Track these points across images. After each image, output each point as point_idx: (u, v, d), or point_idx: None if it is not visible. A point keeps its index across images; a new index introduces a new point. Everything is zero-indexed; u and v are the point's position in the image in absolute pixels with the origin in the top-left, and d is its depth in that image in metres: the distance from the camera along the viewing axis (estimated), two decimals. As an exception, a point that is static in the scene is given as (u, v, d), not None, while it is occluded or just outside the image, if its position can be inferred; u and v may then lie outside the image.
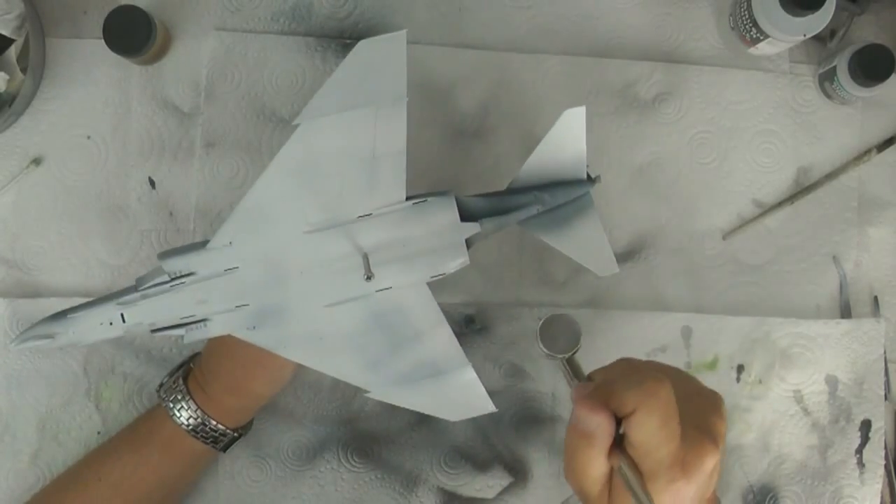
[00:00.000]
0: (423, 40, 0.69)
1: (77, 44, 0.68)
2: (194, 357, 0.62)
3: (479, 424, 0.66)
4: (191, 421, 0.57)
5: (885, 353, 0.68)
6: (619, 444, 0.44)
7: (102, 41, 0.63)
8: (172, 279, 0.51)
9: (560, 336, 0.50)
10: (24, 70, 0.65)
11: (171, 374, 0.61)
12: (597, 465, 0.44)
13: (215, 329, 0.52)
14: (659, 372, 0.44)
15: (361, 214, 0.51)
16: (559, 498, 0.66)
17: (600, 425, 0.43)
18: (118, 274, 0.67)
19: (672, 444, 0.42)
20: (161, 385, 0.60)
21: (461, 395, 0.53)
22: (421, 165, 0.68)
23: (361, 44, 0.43)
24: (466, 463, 0.66)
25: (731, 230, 0.69)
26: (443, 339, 0.53)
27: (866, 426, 0.67)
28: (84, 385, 0.65)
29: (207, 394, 0.57)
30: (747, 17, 0.65)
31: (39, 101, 0.67)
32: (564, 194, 0.56)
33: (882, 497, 0.68)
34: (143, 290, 0.51)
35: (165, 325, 0.52)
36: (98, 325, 0.52)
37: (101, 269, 0.67)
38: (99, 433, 0.65)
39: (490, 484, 0.66)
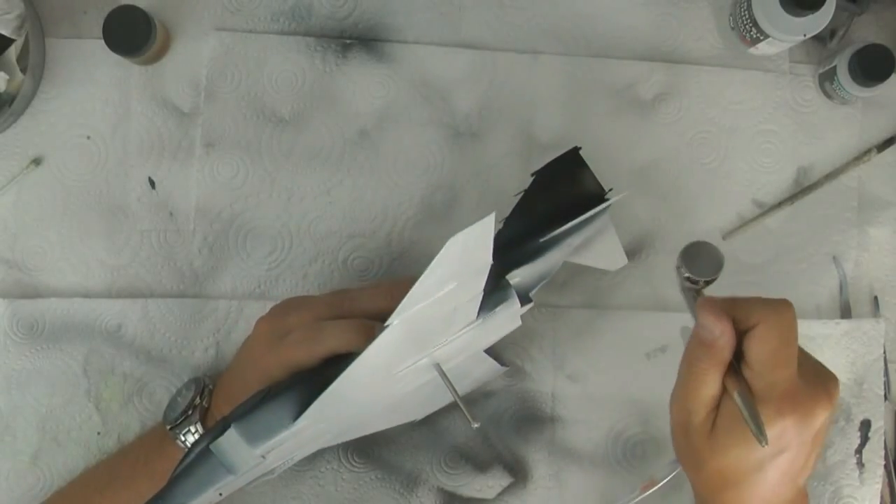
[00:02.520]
0: (421, 40, 0.69)
1: (77, 44, 0.68)
2: (203, 391, 0.60)
3: (479, 425, 0.66)
4: None
5: (884, 353, 0.68)
6: (735, 369, 0.44)
7: (102, 41, 0.63)
8: (264, 454, 0.51)
9: (702, 262, 0.50)
10: (24, 70, 0.65)
11: (183, 412, 0.58)
12: (711, 380, 0.44)
13: (300, 458, 0.55)
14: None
15: (437, 344, 0.52)
16: (559, 498, 0.66)
17: (724, 333, 0.43)
18: (118, 274, 0.67)
19: (788, 370, 0.42)
20: (175, 425, 0.58)
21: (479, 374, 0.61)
22: (420, 166, 0.68)
23: (452, 240, 0.43)
24: (466, 463, 0.66)
25: (731, 230, 0.69)
26: (484, 366, 0.59)
27: (866, 426, 0.67)
28: (84, 385, 0.65)
29: None
30: (747, 17, 0.65)
31: (39, 101, 0.67)
32: (589, 229, 0.59)
33: (882, 497, 0.68)
34: (239, 474, 0.51)
35: (257, 477, 0.53)
36: None
37: (101, 269, 0.67)
38: (99, 433, 0.65)
39: (490, 484, 0.66)
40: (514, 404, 0.67)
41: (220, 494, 0.51)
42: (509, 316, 0.55)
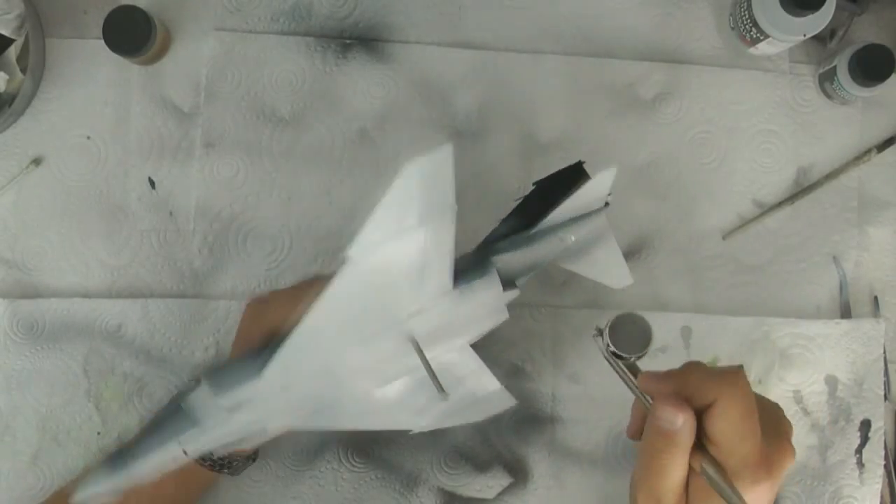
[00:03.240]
0: (422, 40, 0.69)
1: (77, 44, 0.68)
2: None
3: (479, 425, 0.66)
4: (207, 455, 0.57)
5: (884, 353, 0.68)
6: (699, 446, 0.43)
7: (102, 41, 0.63)
8: (230, 410, 0.51)
9: (629, 337, 0.48)
10: (24, 70, 0.65)
11: None
12: (679, 468, 0.42)
13: (273, 432, 0.53)
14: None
15: (411, 313, 0.52)
16: (559, 498, 0.66)
17: (686, 422, 0.41)
18: (118, 274, 0.67)
19: (755, 439, 0.41)
20: None
21: (490, 403, 0.57)
22: (421, 165, 0.68)
23: (407, 167, 0.43)
24: (466, 463, 0.66)
25: (731, 230, 0.69)
26: (481, 378, 0.56)
27: (866, 426, 0.67)
28: (84, 385, 0.65)
29: None
30: (747, 17, 0.65)
31: (39, 101, 0.67)
32: (584, 227, 0.58)
33: (882, 497, 0.68)
34: (203, 426, 0.51)
35: (226, 443, 0.52)
36: (160, 465, 0.51)
37: (101, 269, 0.67)
38: (99, 433, 0.65)
39: (490, 484, 0.66)
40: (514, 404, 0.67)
41: (185, 453, 0.51)
42: (490, 297, 0.54)
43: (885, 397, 0.68)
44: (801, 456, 0.67)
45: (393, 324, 0.52)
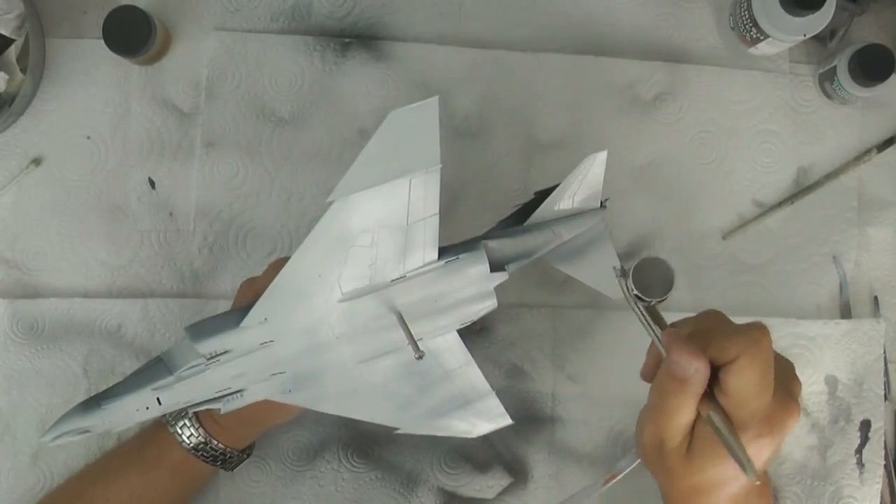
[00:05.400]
0: (422, 39, 0.69)
1: (77, 44, 0.68)
2: None
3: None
4: (200, 446, 0.57)
5: (884, 353, 0.68)
6: (709, 394, 0.43)
7: (102, 41, 0.63)
8: (208, 360, 0.50)
9: (651, 281, 0.48)
10: (24, 70, 0.65)
11: None
12: (686, 412, 0.43)
13: (252, 397, 0.52)
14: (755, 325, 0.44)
15: (395, 278, 0.51)
16: (559, 498, 0.66)
17: (698, 371, 0.42)
18: (118, 274, 0.67)
19: (766, 397, 0.42)
20: (172, 413, 0.58)
21: (482, 416, 0.56)
22: (421, 165, 0.68)
23: (392, 114, 0.43)
24: (466, 463, 0.66)
25: (731, 230, 0.69)
26: (470, 375, 0.55)
27: (866, 426, 0.67)
28: (84, 385, 0.65)
29: (220, 424, 0.57)
30: (747, 17, 0.65)
31: (39, 101, 0.67)
32: (579, 225, 0.58)
33: (882, 497, 0.68)
34: (178, 373, 0.50)
35: (201, 400, 0.51)
36: (134, 412, 0.50)
37: (101, 269, 0.67)
38: (99, 434, 0.65)
39: (490, 484, 0.66)
40: (515, 405, 0.67)
41: (159, 401, 0.50)
42: (477, 274, 0.53)
43: (885, 397, 0.68)
44: (801, 456, 0.67)
45: (374, 287, 0.51)
